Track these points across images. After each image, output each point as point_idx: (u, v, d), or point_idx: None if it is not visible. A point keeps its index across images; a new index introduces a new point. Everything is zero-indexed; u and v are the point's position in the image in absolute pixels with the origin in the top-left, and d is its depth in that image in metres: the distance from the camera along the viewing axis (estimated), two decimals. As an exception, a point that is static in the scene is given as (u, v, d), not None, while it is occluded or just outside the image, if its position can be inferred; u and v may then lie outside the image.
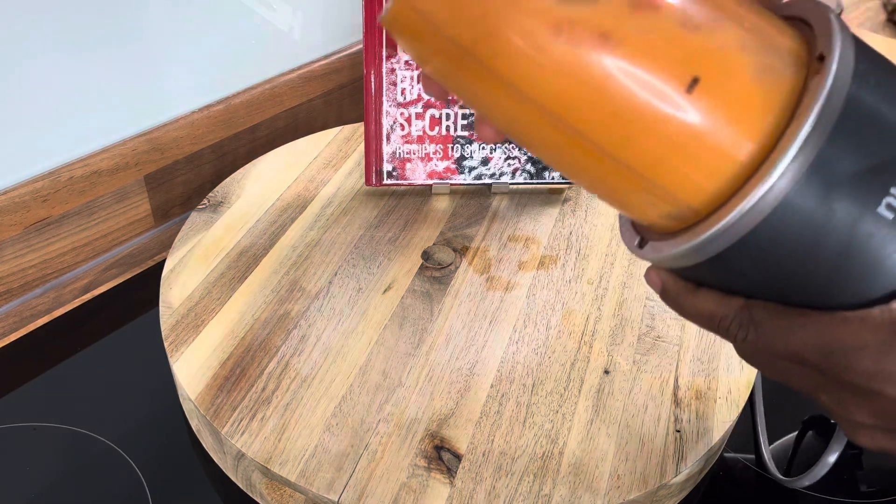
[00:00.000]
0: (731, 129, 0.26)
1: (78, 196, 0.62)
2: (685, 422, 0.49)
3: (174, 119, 0.68)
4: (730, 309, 0.30)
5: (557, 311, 0.56)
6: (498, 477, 0.45)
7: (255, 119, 0.75)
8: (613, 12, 0.26)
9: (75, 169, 0.62)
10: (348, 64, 0.82)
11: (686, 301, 0.31)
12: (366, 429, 0.48)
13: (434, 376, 0.51)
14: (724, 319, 0.30)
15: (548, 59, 0.26)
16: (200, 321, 0.54)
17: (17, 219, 0.59)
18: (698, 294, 0.31)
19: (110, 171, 0.64)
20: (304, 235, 0.62)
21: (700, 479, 0.50)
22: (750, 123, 0.26)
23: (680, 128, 0.26)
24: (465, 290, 0.58)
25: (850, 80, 0.25)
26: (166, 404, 0.55)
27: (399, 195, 0.67)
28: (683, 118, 0.26)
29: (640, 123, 0.26)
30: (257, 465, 0.46)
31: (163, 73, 0.66)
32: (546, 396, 0.50)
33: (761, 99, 0.26)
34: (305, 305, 0.56)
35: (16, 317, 0.61)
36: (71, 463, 0.51)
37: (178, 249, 0.60)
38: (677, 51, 0.26)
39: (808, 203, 0.25)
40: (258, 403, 0.49)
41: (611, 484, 0.45)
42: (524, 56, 0.26)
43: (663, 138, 0.26)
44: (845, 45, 0.26)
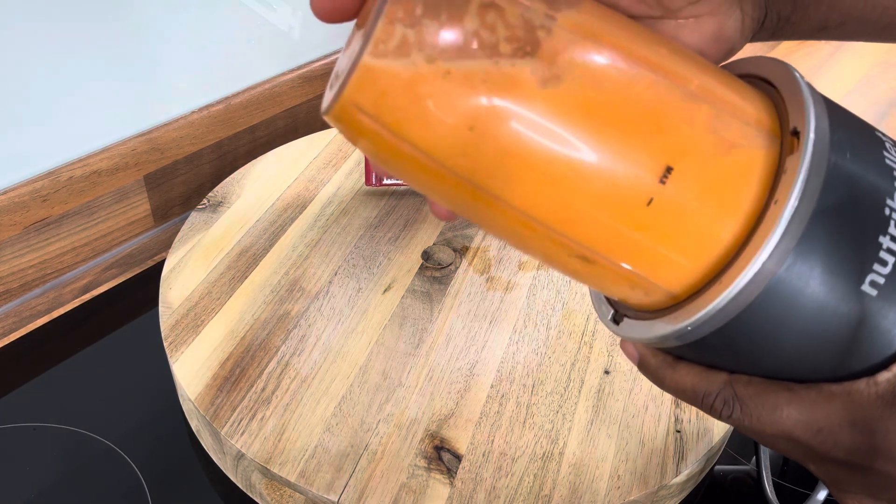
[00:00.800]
0: (708, 216, 0.25)
1: (78, 196, 0.62)
2: (685, 422, 0.49)
3: (174, 119, 0.68)
4: (713, 385, 0.29)
5: (557, 311, 0.56)
6: (498, 477, 0.45)
7: (254, 119, 0.75)
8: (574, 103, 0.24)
9: (75, 169, 0.62)
10: (348, 64, 0.82)
11: (665, 376, 0.30)
12: (366, 429, 0.47)
13: (434, 376, 0.51)
14: (708, 396, 0.29)
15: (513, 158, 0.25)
16: (200, 321, 0.54)
17: (16, 219, 0.59)
18: (678, 369, 0.30)
19: (110, 171, 0.64)
20: (304, 235, 0.62)
21: (700, 479, 0.50)
22: (727, 208, 0.25)
23: (656, 219, 0.25)
24: (465, 290, 0.58)
25: (828, 157, 0.25)
26: (166, 404, 0.55)
27: (399, 195, 0.67)
28: (659, 209, 0.25)
29: (613, 217, 0.25)
30: (257, 466, 0.46)
31: (163, 73, 0.66)
32: (546, 397, 0.50)
33: (737, 182, 0.25)
34: (305, 305, 0.56)
35: (15, 317, 0.61)
36: (71, 463, 0.51)
37: (177, 249, 0.60)
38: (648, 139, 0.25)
39: (791, 285, 0.25)
40: (258, 403, 0.48)
41: (611, 484, 0.45)
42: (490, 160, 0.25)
43: (639, 230, 0.26)
44: (819, 115, 0.25)
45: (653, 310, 0.28)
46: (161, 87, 0.67)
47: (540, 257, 0.28)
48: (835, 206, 0.25)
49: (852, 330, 0.25)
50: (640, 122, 0.25)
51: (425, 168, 0.25)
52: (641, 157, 0.25)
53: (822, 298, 0.25)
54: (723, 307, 0.25)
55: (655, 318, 0.28)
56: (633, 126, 0.25)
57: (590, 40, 0.25)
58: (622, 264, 0.26)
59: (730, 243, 0.26)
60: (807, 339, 0.26)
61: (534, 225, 0.26)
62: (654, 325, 0.27)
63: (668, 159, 0.25)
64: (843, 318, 0.25)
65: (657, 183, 0.25)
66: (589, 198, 0.25)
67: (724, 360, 0.28)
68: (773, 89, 0.28)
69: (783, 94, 0.27)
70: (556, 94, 0.24)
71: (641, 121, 0.25)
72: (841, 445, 0.27)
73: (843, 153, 0.25)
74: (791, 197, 0.24)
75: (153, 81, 0.66)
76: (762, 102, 0.27)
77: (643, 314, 0.29)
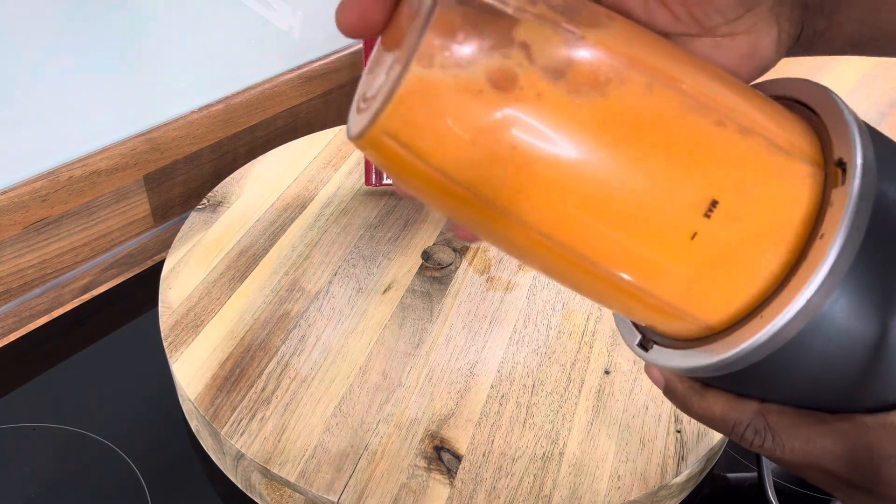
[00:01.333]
0: (752, 250, 0.25)
1: (77, 196, 0.62)
2: (686, 422, 0.49)
3: (173, 119, 0.68)
4: (744, 414, 0.28)
5: (557, 311, 0.56)
6: (498, 477, 0.45)
7: (254, 119, 0.75)
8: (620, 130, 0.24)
9: (75, 169, 0.61)
10: (348, 64, 0.82)
11: (693, 403, 0.29)
12: (366, 429, 0.47)
13: (434, 376, 0.51)
14: (738, 426, 0.28)
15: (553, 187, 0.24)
16: (200, 321, 0.54)
17: (16, 218, 0.59)
18: (707, 396, 0.29)
19: (110, 171, 0.64)
20: (304, 235, 0.62)
21: (700, 479, 0.50)
22: (772, 242, 0.25)
23: (699, 252, 0.25)
24: (465, 290, 0.58)
25: (875, 189, 0.24)
26: (166, 404, 0.54)
27: (399, 195, 0.67)
28: (703, 243, 0.25)
29: (655, 250, 0.25)
30: (257, 466, 0.46)
31: (162, 73, 0.66)
32: (546, 397, 0.50)
33: (782, 215, 0.25)
34: (305, 305, 0.56)
35: (15, 317, 0.61)
36: (70, 463, 0.51)
37: (177, 249, 0.60)
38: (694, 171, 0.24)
39: (834, 320, 0.24)
40: (258, 404, 0.48)
41: (611, 484, 0.45)
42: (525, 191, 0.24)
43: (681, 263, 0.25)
44: (865, 146, 0.25)
45: (685, 339, 0.27)
46: (161, 86, 0.67)
47: (569, 285, 0.28)
48: (881, 241, 0.24)
49: (888, 362, 0.25)
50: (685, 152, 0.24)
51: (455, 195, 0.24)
52: (687, 189, 0.24)
53: (863, 332, 0.25)
54: (764, 342, 0.24)
55: (688, 347, 0.27)
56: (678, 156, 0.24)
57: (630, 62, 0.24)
58: (659, 295, 0.26)
59: (772, 277, 0.25)
60: (842, 371, 0.25)
61: (566, 254, 0.25)
62: (687, 354, 0.27)
63: (714, 192, 0.24)
64: (881, 351, 0.25)
65: (702, 217, 0.24)
66: (631, 229, 0.25)
67: (756, 390, 0.28)
68: (810, 113, 0.27)
69: (825, 122, 0.26)
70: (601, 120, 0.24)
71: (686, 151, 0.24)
72: (874, 478, 0.27)
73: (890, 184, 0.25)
74: (839, 232, 0.24)
75: (153, 81, 0.66)
76: (803, 129, 0.26)
77: (674, 342, 0.28)
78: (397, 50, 0.24)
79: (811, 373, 0.26)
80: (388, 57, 0.25)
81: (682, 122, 0.24)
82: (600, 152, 0.24)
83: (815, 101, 0.27)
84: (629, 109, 0.24)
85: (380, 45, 0.26)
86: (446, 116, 0.23)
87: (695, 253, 0.25)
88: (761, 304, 0.25)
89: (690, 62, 0.26)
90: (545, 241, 0.25)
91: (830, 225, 0.24)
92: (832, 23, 0.31)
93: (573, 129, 0.23)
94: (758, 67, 0.29)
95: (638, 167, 0.24)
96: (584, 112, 0.23)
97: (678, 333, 0.28)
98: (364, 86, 0.26)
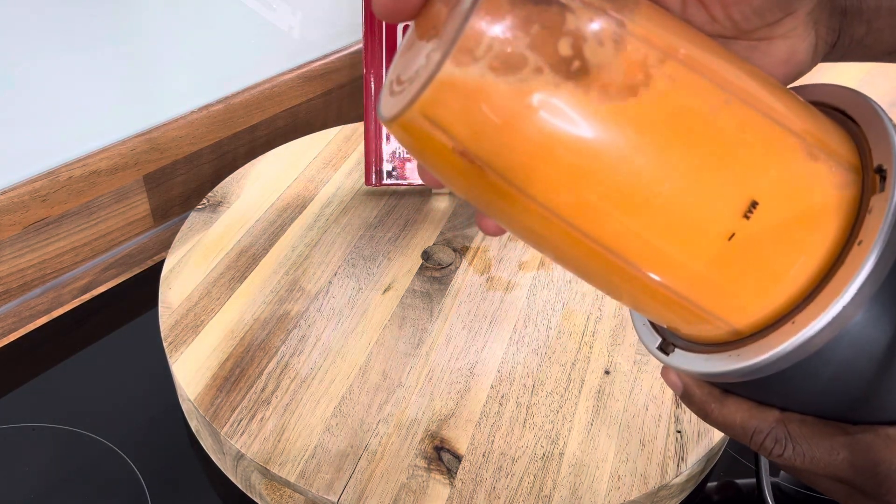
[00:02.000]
0: (789, 254, 0.24)
1: (77, 196, 0.62)
2: (686, 422, 0.49)
3: (173, 119, 0.68)
4: (764, 423, 0.28)
5: (558, 311, 0.56)
6: (498, 478, 0.45)
7: (254, 119, 0.74)
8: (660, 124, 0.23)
9: (74, 169, 0.61)
10: (348, 64, 0.82)
11: (713, 410, 0.29)
12: (366, 429, 0.47)
13: (434, 377, 0.51)
14: (758, 434, 0.28)
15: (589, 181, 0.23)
16: (200, 321, 0.54)
17: (16, 218, 0.59)
18: (727, 403, 0.28)
19: (109, 171, 0.64)
20: (304, 235, 0.62)
21: (701, 479, 0.50)
22: (809, 247, 0.24)
23: (735, 254, 0.24)
24: (465, 290, 0.58)
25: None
26: (165, 404, 0.54)
27: (399, 195, 0.67)
28: (740, 245, 0.24)
29: (690, 250, 0.24)
30: (257, 466, 0.46)
31: (162, 73, 0.66)
32: (546, 397, 0.50)
33: (821, 220, 0.24)
34: (305, 305, 0.56)
35: (15, 317, 0.61)
36: (70, 463, 0.51)
37: (177, 249, 0.60)
38: (736, 171, 0.24)
39: (866, 330, 0.24)
40: (257, 404, 0.48)
41: (611, 485, 0.45)
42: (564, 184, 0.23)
43: (715, 265, 0.24)
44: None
45: (709, 342, 0.27)
46: (161, 87, 0.67)
47: (597, 283, 0.27)
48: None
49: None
50: (730, 150, 0.24)
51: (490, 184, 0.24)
52: (730, 189, 0.24)
53: (889, 344, 0.24)
54: (795, 349, 0.24)
55: (713, 351, 0.27)
56: (722, 154, 0.24)
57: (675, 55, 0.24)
58: (689, 296, 0.25)
59: (806, 283, 0.24)
60: (870, 383, 0.25)
61: (599, 250, 0.25)
62: (711, 359, 0.26)
63: (754, 193, 0.24)
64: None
65: (741, 218, 0.24)
66: (666, 227, 0.24)
67: (777, 398, 0.28)
68: (848, 120, 0.27)
69: (864, 128, 0.26)
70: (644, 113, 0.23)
71: (730, 149, 0.24)
72: (893, 489, 0.26)
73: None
74: (878, 240, 0.23)
75: (153, 81, 0.66)
76: (841, 135, 0.26)
77: (697, 346, 0.28)
78: (437, 34, 0.24)
79: (837, 384, 0.25)
80: (426, 41, 0.25)
81: (726, 119, 0.24)
82: (642, 147, 0.23)
83: (853, 108, 0.27)
84: (673, 104, 0.24)
85: (415, 30, 0.26)
86: (487, 103, 0.22)
87: (730, 254, 0.24)
88: (792, 310, 0.25)
89: (733, 60, 0.25)
90: (577, 236, 0.25)
91: (869, 232, 0.24)
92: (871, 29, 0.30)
93: (616, 123, 0.23)
94: (793, 73, 0.29)
95: (681, 163, 0.24)
96: (628, 105, 0.23)
97: (703, 337, 0.27)
98: (398, 69, 0.26)
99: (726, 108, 0.24)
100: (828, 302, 0.24)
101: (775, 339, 0.24)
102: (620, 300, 0.28)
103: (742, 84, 0.25)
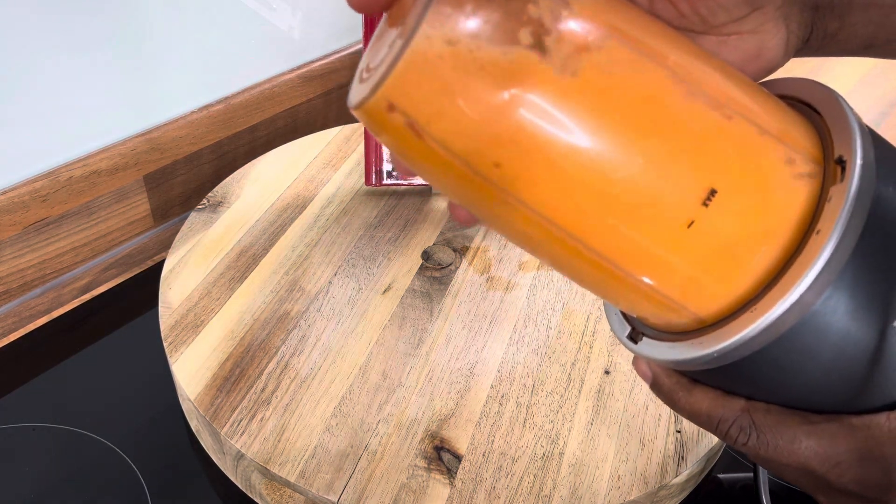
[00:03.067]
0: (748, 242, 0.25)
1: (77, 196, 0.62)
2: (686, 422, 0.49)
3: (174, 119, 0.68)
4: (730, 411, 0.28)
5: (557, 311, 0.56)
6: (498, 477, 0.45)
7: (254, 119, 0.75)
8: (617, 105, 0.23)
9: (74, 169, 0.61)
10: (348, 64, 0.82)
11: (680, 398, 0.29)
12: (366, 429, 0.47)
13: (434, 377, 0.51)
14: (723, 423, 0.28)
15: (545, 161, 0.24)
16: (200, 321, 0.54)
17: (16, 219, 0.59)
18: (694, 392, 0.29)
19: (110, 171, 0.64)
20: (304, 235, 0.62)
21: (700, 479, 0.50)
22: (768, 235, 0.25)
23: (694, 242, 0.24)
24: (465, 290, 0.58)
25: (874, 189, 0.24)
26: (166, 404, 0.54)
27: (399, 195, 0.67)
28: (699, 232, 0.24)
29: (650, 237, 0.25)
30: (257, 466, 0.46)
31: (163, 73, 0.66)
32: (546, 397, 0.50)
33: (780, 209, 0.25)
34: (305, 305, 0.56)
35: (15, 317, 0.61)
36: (70, 463, 0.51)
37: (177, 249, 0.60)
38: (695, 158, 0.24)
39: (824, 318, 0.24)
40: (258, 404, 0.48)
41: (611, 484, 0.45)
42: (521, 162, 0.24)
43: (675, 252, 0.25)
44: (866, 146, 0.24)
45: (675, 331, 0.27)
46: (161, 86, 0.67)
47: (563, 270, 0.27)
48: (878, 243, 0.24)
49: (877, 365, 0.25)
50: (689, 138, 0.24)
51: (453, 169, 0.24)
52: (688, 176, 0.24)
53: (851, 332, 0.24)
54: (754, 336, 0.24)
55: (678, 340, 0.27)
56: (681, 142, 0.24)
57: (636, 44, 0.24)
58: (652, 284, 0.26)
59: (766, 271, 0.25)
60: (831, 371, 0.25)
61: (561, 236, 0.25)
62: (676, 347, 0.27)
63: (712, 181, 0.24)
64: (870, 353, 0.25)
65: (700, 205, 0.24)
66: (624, 214, 0.24)
67: (743, 387, 0.28)
68: (813, 113, 0.27)
69: (827, 121, 0.26)
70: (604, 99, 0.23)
71: (690, 137, 0.24)
72: (856, 478, 0.27)
73: (888, 186, 0.25)
74: (836, 228, 0.23)
75: (153, 81, 0.66)
76: (805, 127, 0.26)
77: (664, 335, 0.28)
78: (403, 23, 0.24)
79: (800, 372, 0.26)
80: (394, 31, 0.25)
81: (687, 109, 0.24)
82: (598, 130, 0.23)
83: (819, 101, 0.27)
84: (634, 92, 0.24)
85: (385, 21, 0.26)
86: (447, 89, 0.23)
87: (690, 242, 0.25)
88: (754, 298, 0.25)
89: (696, 52, 0.26)
90: (539, 221, 0.25)
91: (827, 221, 0.24)
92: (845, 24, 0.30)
93: (575, 108, 0.23)
94: (764, 68, 0.29)
95: (639, 150, 0.24)
96: (587, 91, 0.23)
97: (669, 325, 0.27)
98: (367, 58, 0.26)
99: (689, 97, 0.24)
100: (785, 290, 0.24)
101: (736, 327, 0.25)
102: (587, 288, 0.28)
103: (703, 75, 0.25)
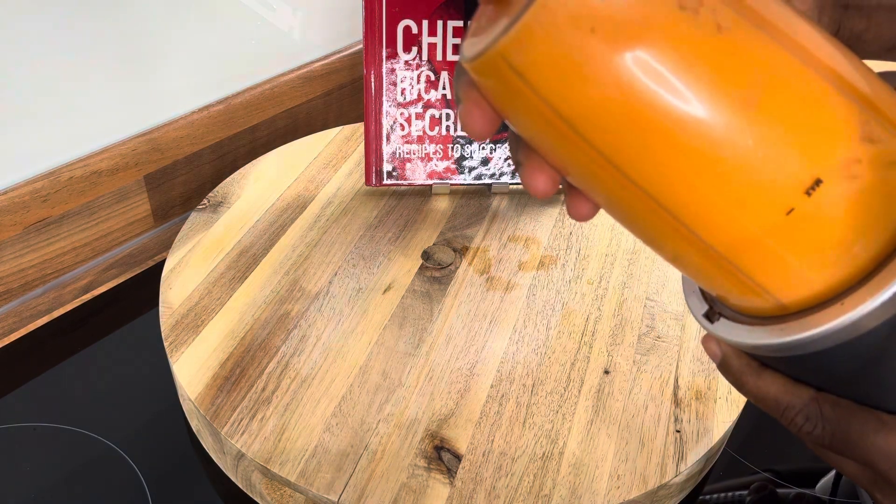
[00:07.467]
0: (846, 235, 0.24)
1: (78, 196, 0.62)
2: (685, 422, 0.49)
3: (174, 119, 0.68)
4: (798, 399, 0.28)
5: (557, 311, 0.56)
6: (498, 477, 0.45)
7: (254, 119, 0.75)
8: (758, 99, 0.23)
9: (75, 169, 0.62)
10: (348, 64, 0.82)
11: (748, 381, 0.29)
12: (366, 429, 0.47)
13: (434, 376, 0.51)
14: (790, 410, 0.28)
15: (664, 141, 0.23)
16: (200, 321, 0.54)
17: (16, 219, 0.59)
18: (763, 376, 0.29)
19: (110, 171, 0.64)
20: (304, 235, 0.62)
21: (700, 479, 0.50)
22: (868, 229, 0.24)
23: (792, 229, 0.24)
24: (465, 290, 0.58)
25: None
26: (166, 404, 0.55)
27: (399, 195, 0.67)
28: (797, 220, 0.24)
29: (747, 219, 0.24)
30: (257, 466, 0.46)
31: (163, 73, 0.66)
32: (546, 397, 0.50)
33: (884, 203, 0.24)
34: (305, 305, 0.56)
35: (15, 317, 0.61)
36: (71, 463, 0.51)
37: (177, 249, 0.60)
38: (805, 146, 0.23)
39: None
40: (258, 404, 0.49)
41: (611, 484, 0.45)
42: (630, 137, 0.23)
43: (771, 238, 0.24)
44: None
45: (754, 315, 0.27)
46: (161, 87, 0.67)
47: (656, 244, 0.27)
48: None
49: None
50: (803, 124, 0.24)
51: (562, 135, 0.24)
52: (797, 163, 0.23)
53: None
54: (840, 329, 0.24)
55: (757, 324, 0.27)
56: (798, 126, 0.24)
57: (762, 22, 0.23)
58: (740, 266, 0.25)
59: (859, 267, 0.24)
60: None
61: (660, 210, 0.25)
62: (755, 331, 0.26)
63: (820, 171, 0.24)
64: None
65: (803, 194, 0.24)
66: (730, 193, 0.24)
67: (814, 377, 0.27)
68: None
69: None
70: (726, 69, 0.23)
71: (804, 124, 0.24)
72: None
73: None
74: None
75: (153, 81, 0.66)
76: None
77: (742, 317, 0.27)
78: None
79: (878, 370, 0.25)
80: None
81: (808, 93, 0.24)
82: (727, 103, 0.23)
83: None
84: (773, 65, 0.23)
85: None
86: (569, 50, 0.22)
87: (787, 229, 0.24)
88: (843, 292, 0.24)
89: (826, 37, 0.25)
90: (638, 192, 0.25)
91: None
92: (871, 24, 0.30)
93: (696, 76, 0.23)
94: None
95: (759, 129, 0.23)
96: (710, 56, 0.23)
97: (750, 308, 0.27)
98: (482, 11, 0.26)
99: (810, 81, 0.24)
100: (881, 286, 0.23)
101: (822, 318, 0.24)
102: (672, 262, 0.28)
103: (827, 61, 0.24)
